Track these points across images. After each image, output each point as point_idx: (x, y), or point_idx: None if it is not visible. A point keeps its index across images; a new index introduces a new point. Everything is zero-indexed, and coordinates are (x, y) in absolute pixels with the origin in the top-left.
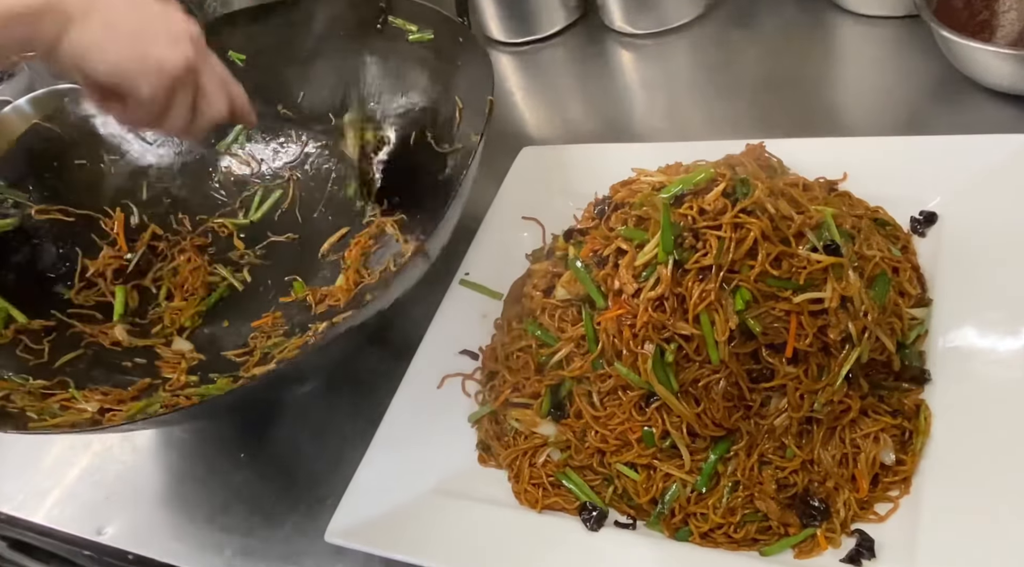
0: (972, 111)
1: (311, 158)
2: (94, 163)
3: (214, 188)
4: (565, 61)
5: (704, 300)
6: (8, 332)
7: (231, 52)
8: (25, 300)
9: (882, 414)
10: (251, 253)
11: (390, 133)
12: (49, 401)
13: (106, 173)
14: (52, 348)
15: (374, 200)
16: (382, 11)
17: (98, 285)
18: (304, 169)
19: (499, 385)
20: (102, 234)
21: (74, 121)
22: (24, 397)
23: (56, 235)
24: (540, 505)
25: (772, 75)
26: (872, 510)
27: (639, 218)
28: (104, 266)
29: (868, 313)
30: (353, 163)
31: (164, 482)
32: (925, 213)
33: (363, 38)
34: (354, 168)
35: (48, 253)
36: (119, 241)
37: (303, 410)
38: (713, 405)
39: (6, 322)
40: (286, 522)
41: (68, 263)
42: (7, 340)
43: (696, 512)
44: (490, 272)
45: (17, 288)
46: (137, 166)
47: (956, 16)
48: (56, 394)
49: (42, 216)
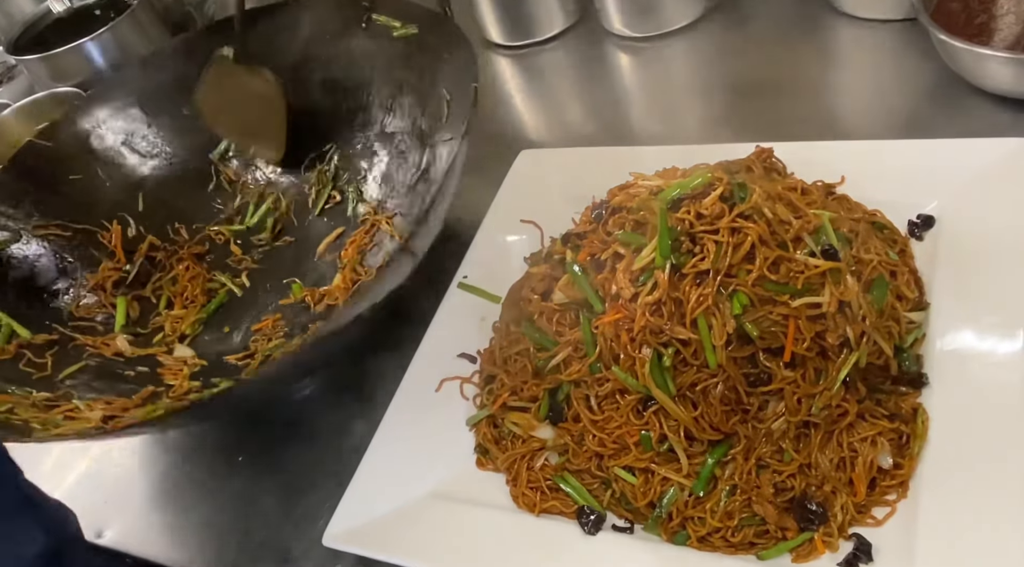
0: (970, 114)
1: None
2: (89, 178)
3: (209, 197)
4: (564, 64)
5: (701, 304)
6: (11, 347)
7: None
8: (26, 315)
9: (879, 418)
10: (249, 258)
11: (380, 127)
12: (53, 413)
13: (101, 187)
14: (55, 361)
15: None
16: (366, 10)
17: (98, 297)
18: (297, 172)
19: (497, 388)
20: (100, 247)
21: (68, 137)
22: (28, 409)
23: (54, 250)
24: (538, 509)
25: (770, 79)
26: (870, 514)
27: (637, 222)
28: (104, 279)
29: (866, 317)
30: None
31: (162, 485)
32: (923, 216)
33: (349, 38)
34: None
35: (47, 268)
36: (117, 253)
37: (301, 414)
38: (711, 409)
39: (8, 337)
40: (284, 526)
41: (67, 277)
42: (10, 355)
43: (694, 516)
44: (488, 275)
45: (17, 303)
46: (132, 179)
47: (954, 19)
48: (60, 405)
49: (40, 232)
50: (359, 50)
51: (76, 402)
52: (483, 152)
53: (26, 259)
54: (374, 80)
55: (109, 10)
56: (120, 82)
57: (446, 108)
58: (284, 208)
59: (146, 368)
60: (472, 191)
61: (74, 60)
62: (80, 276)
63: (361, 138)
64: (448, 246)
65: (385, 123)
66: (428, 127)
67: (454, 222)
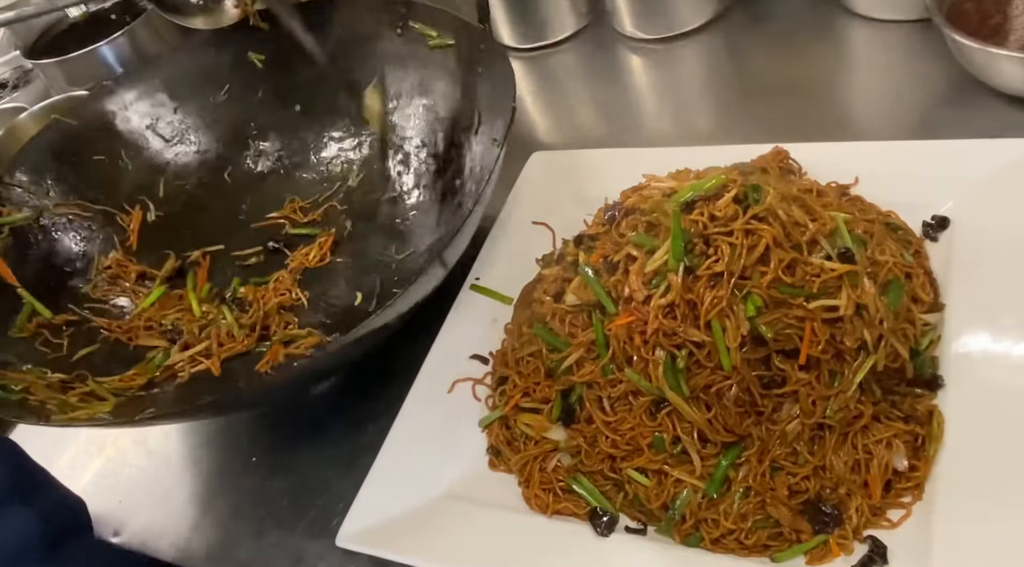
0: (984, 115)
1: (329, 158)
2: (112, 159)
3: (228, 184)
4: (575, 66)
5: (716, 306)
6: (31, 326)
7: (251, 53)
8: (43, 293)
9: (894, 420)
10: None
11: (410, 133)
12: (68, 394)
13: (124, 169)
14: (71, 342)
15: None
16: (402, 16)
17: (117, 285)
18: (322, 167)
19: (509, 390)
20: (120, 229)
21: (93, 117)
22: (43, 390)
23: (74, 230)
24: (550, 510)
25: (783, 80)
26: (885, 516)
27: (649, 224)
28: (120, 268)
29: (884, 321)
30: (377, 133)
31: (177, 485)
32: (937, 217)
33: (383, 42)
34: (379, 140)
35: (66, 248)
36: (131, 239)
37: (314, 414)
38: (724, 411)
39: (30, 315)
40: (297, 526)
41: (84, 258)
42: (28, 333)
43: (707, 518)
44: (500, 277)
45: (36, 283)
46: (155, 163)
47: (968, 20)
48: (75, 387)
49: (60, 210)
50: (392, 55)
51: (92, 384)
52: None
53: (46, 237)
54: (404, 86)
55: (124, 15)
56: (150, 67)
57: (477, 122)
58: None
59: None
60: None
61: (89, 64)
62: (97, 257)
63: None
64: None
65: (415, 130)
66: (458, 140)
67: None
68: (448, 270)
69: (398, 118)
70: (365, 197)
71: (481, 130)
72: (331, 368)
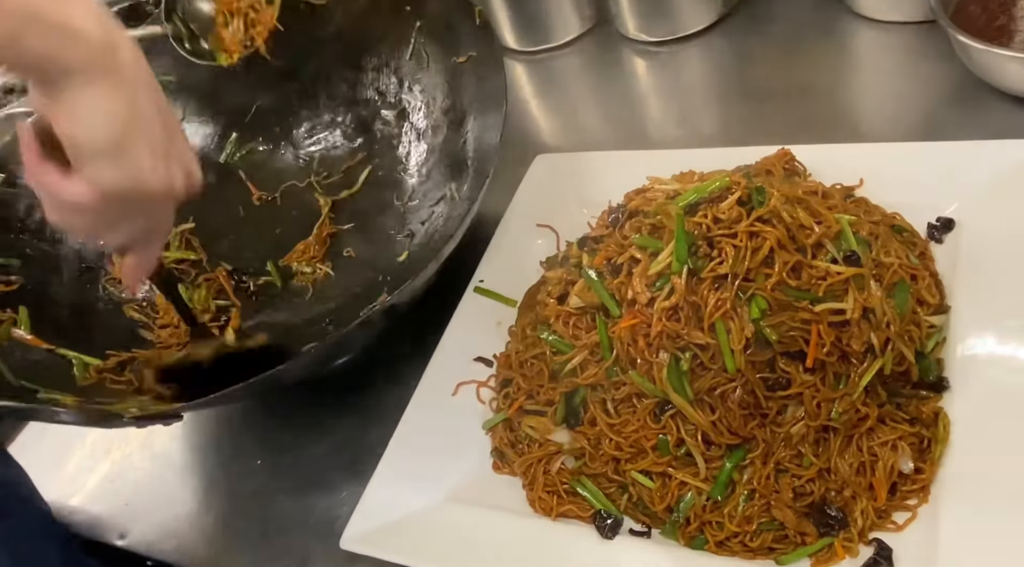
0: (989, 116)
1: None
2: None
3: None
4: (579, 69)
5: (720, 309)
6: (91, 374)
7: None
8: (79, 331)
9: (900, 422)
10: None
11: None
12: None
13: None
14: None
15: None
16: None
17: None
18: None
19: (513, 392)
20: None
21: None
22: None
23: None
24: (554, 513)
25: (787, 81)
26: (890, 519)
27: (653, 226)
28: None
29: (891, 324)
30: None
31: (182, 488)
32: (942, 219)
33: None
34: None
35: (72, 258)
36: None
37: (318, 416)
38: (729, 413)
39: (84, 366)
40: (301, 529)
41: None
42: (94, 379)
43: (712, 520)
44: (504, 279)
45: (69, 323)
46: None
47: (973, 21)
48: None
49: None
50: (385, 52)
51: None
52: (499, 156)
53: (54, 247)
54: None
55: (129, 18)
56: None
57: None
58: None
59: None
60: (488, 196)
61: None
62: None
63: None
64: (464, 250)
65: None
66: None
67: (470, 226)
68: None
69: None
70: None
71: (474, 118)
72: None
